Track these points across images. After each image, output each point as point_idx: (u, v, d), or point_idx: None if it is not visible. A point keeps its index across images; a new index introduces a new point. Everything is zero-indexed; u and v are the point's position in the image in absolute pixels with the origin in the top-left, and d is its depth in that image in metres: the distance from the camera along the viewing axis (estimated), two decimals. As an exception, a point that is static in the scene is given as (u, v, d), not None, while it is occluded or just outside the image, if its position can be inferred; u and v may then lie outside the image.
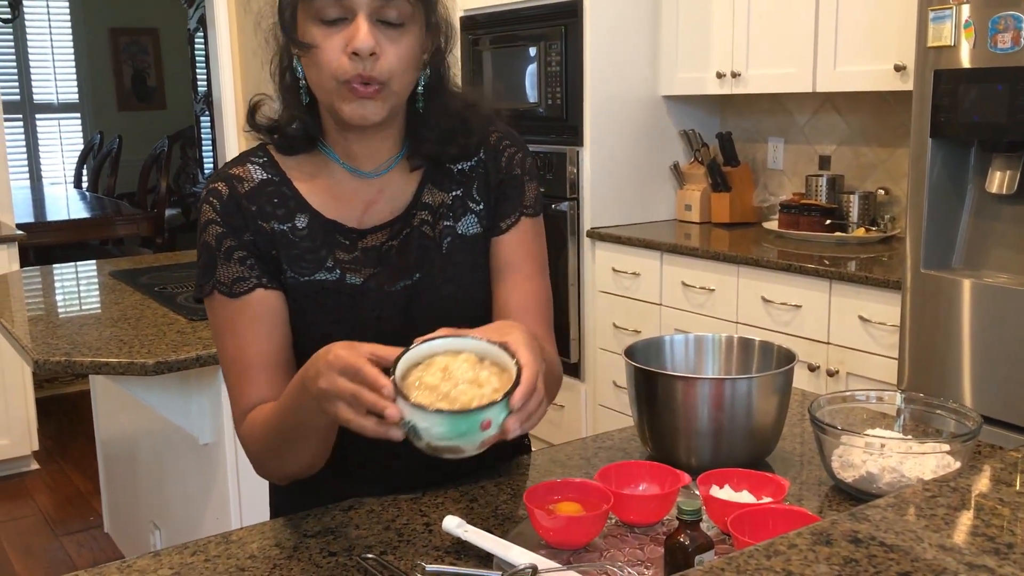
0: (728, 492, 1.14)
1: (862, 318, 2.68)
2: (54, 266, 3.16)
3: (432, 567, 1.03)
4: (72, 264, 3.23)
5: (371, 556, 1.06)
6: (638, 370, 1.31)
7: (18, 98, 8.26)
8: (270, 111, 1.27)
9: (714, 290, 3.12)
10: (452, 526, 1.08)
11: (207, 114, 7.18)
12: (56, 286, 2.85)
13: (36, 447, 3.99)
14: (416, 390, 0.98)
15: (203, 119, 7.56)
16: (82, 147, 8.49)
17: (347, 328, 1.21)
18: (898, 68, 2.80)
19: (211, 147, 6.93)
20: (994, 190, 2.34)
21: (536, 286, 1.30)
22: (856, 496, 1.20)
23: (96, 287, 2.80)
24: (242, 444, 1.23)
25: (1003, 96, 2.21)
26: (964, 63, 2.28)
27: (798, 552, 0.77)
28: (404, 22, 1.15)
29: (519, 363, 0.98)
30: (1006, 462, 0.96)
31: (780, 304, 2.91)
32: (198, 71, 7.67)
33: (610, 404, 3.56)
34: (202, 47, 7.08)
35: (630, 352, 1.36)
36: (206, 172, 7.71)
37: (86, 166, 8.17)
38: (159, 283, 2.67)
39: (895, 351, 2.55)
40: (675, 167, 3.74)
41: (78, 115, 8.61)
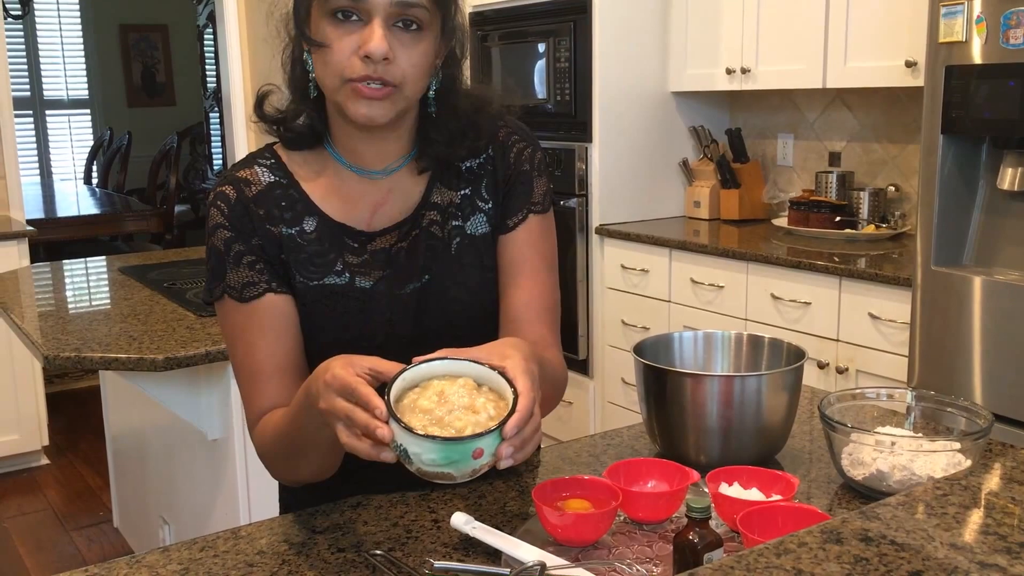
0: (737, 490, 1.14)
1: (872, 315, 2.67)
2: (64, 262, 3.17)
3: (440, 564, 1.02)
4: (82, 260, 3.24)
5: (379, 552, 1.06)
6: (647, 367, 1.31)
7: (28, 94, 8.29)
8: (278, 102, 1.26)
9: (723, 287, 3.11)
10: (460, 523, 1.08)
11: (216, 110, 7.19)
12: (66, 282, 2.86)
13: (46, 442, 4.01)
14: (410, 413, 0.96)
15: (212, 115, 7.58)
16: (92, 143, 8.52)
17: (357, 331, 1.21)
18: (909, 64, 2.79)
19: (220, 143, 6.95)
20: (1006, 187, 2.33)
21: (544, 285, 1.27)
22: (866, 494, 1.19)
23: (106, 283, 2.80)
24: (255, 448, 1.22)
25: (1015, 92, 2.19)
26: (976, 59, 2.27)
27: (808, 550, 0.76)
28: (421, 28, 1.13)
29: (516, 391, 0.96)
30: (1017, 460, 0.95)
31: (789, 301, 2.90)
32: (207, 67, 7.69)
33: (619, 401, 3.55)
34: (211, 43, 7.09)
35: (639, 349, 1.36)
36: (215, 168, 7.73)
37: (96, 162, 8.20)
38: (168, 279, 2.67)
39: (905, 348, 2.54)
40: (684, 163, 3.73)
41: (88, 111, 8.64)
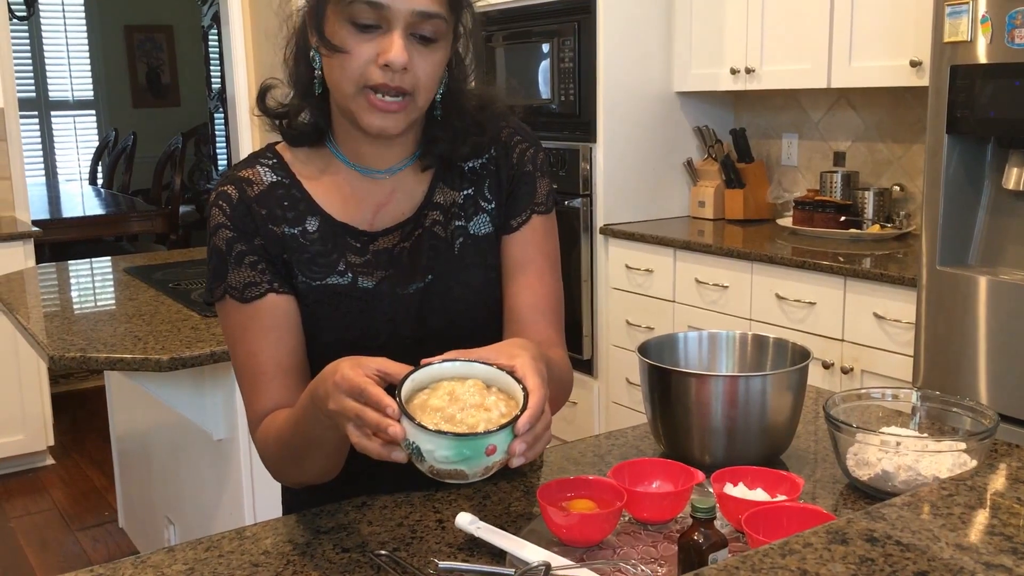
0: (742, 490, 1.14)
1: (877, 315, 2.67)
2: (69, 262, 3.17)
3: (445, 564, 1.03)
4: (87, 260, 3.25)
5: (384, 553, 1.06)
6: (652, 367, 1.31)
7: (34, 95, 8.30)
8: (281, 96, 1.25)
9: (728, 287, 3.11)
10: (465, 523, 1.08)
11: (221, 111, 7.19)
12: (71, 282, 2.87)
13: (51, 442, 4.01)
14: (422, 412, 0.96)
15: (217, 116, 7.58)
16: (97, 144, 8.53)
17: (359, 331, 1.21)
18: (914, 64, 2.78)
19: (225, 144, 6.94)
20: (1011, 186, 2.32)
21: (547, 286, 1.28)
22: (871, 494, 1.19)
23: (111, 283, 2.81)
24: (257, 450, 1.22)
25: (1020, 92, 2.19)
26: (981, 58, 2.26)
27: (813, 551, 0.76)
28: (437, 39, 1.14)
29: (526, 389, 0.97)
30: (1023, 460, 0.95)
31: (794, 301, 2.90)
32: (212, 68, 7.69)
33: (623, 401, 3.55)
34: (216, 44, 7.09)
35: (644, 349, 1.36)
36: (220, 168, 7.73)
37: (101, 163, 8.21)
38: (173, 279, 2.68)
39: (910, 348, 2.53)
40: (689, 163, 3.73)
41: (93, 112, 8.65)
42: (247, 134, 4.86)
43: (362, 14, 1.10)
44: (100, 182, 8.11)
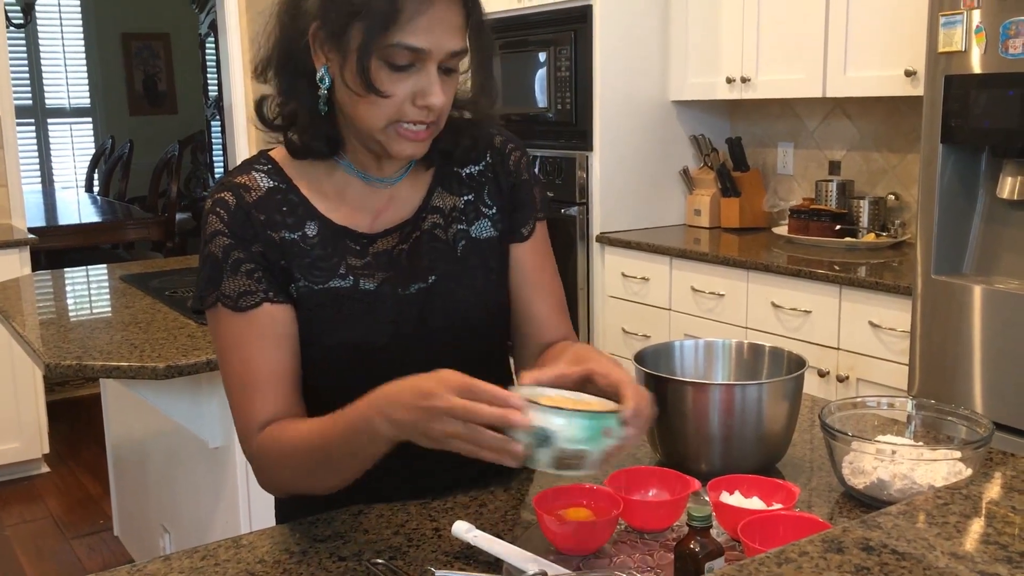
0: (738, 498, 1.14)
1: (872, 324, 2.67)
2: (65, 270, 3.17)
3: (441, 572, 1.03)
4: (83, 268, 3.24)
5: (380, 561, 1.06)
6: (648, 375, 1.31)
7: (30, 103, 8.30)
8: (272, 105, 1.24)
9: (724, 295, 3.12)
10: (461, 531, 1.08)
11: (218, 118, 7.20)
12: (67, 290, 2.86)
13: (47, 450, 4.00)
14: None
15: (214, 123, 7.59)
16: (93, 151, 8.52)
17: (362, 333, 1.21)
18: (908, 73, 2.79)
19: (222, 151, 6.95)
20: (1005, 196, 2.33)
21: (557, 288, 1.36)
22: (867, 503, 1.19)
23: (107, 291, 2.81)
24: (254, 459, 1.20)
25: (1014, 101, 2.20)
26: (975, 68, 2.28)
27: (809, 559, 0.76)
28: (458, 68, 1.18)
29: (623, 384, 1.06)
30: (1018, 469, 0.95)
31: (790, 309, 2.90)
32: (209, 75, 7.70)
33: (619, 409, 3.54)
34: (213, 52, 7.10)
35: (640, 357, 1.36)
36: (217, 176, 7.74)
37: (97, 170, 8.20)
38: (170, 287, 2.67)
39: (906, 357, 2.54)
40: (685, 172, 3.74)
41: (90, 120, 8.65)
42: (244, 142, 4.86)
43: (400, 57, 1.11)
44: (96, 189, 8.11)
